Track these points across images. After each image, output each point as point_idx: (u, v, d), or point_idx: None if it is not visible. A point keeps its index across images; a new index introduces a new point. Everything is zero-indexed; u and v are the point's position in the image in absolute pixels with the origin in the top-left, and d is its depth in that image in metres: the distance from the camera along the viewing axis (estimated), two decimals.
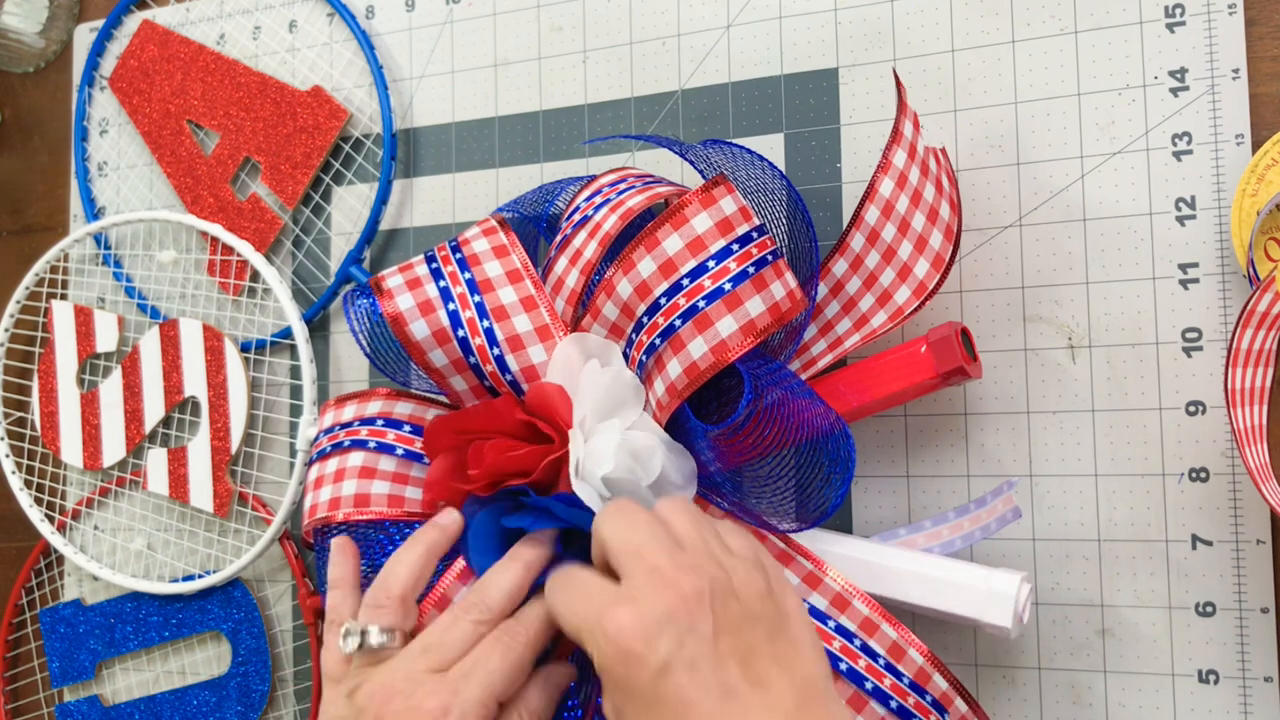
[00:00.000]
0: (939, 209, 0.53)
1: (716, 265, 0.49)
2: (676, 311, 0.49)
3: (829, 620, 0.50)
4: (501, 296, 0.54)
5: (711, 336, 0.49)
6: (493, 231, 0.57)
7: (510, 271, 0.55)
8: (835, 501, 0.49)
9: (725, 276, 0.49)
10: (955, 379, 0.52)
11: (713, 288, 0.49)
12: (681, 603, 0.41)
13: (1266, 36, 0.54)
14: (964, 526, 0.53)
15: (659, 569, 0.42)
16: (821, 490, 0.50)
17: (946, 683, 0.50)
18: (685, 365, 0.49)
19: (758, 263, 0.49)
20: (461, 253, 0.56)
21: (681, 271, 0.49)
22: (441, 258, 0.56)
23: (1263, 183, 0.52)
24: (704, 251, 0.49)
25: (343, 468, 0.57)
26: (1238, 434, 0.49)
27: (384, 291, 0.54)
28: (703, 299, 0.49)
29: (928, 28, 0.60)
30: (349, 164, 0.72)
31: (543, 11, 0.68)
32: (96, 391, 0.76)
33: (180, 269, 0.77)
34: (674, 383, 0.50)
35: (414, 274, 0.56)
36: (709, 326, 0.49)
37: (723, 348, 0.49)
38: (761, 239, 0.50)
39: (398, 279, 0.55)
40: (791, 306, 0.50)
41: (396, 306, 0.54)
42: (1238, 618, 0.53)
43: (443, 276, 0.55)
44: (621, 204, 0.53)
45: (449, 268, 0.55)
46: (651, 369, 0.51)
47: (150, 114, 0.77)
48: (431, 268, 0.56)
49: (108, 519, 0.77)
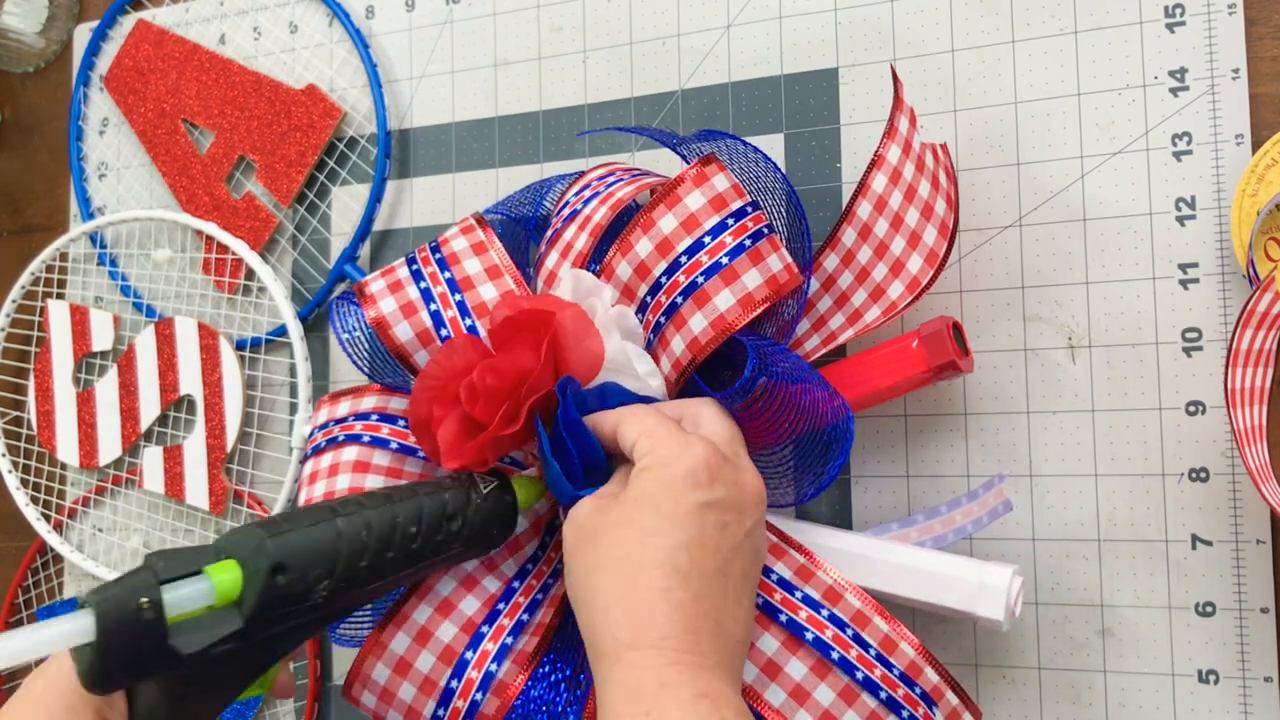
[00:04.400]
0: (934, 205, 0.53)
1: (712, 240, 0.50)
2: (677, 289, 0.50)
3: (822, 608, 0.50)
4: (482, 293, 0.55)
5: (710, 311, 0.49)
6: (470, 230, 0.57)
7: (490, 268, 0.55)
8: (833, 473, 0.50)
9: (721, 251, 0.49)
10: (947, 373, 0.53)
11: (710, 263, 0.49)
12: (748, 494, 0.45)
13: (1266, 36, 0.54)
14: (955, 520, 0.53)
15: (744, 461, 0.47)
16: (820, 464, 0.50)
17: (937, 675, 0.50)
18: (688, 341, 0.50)
19: (753, 236, 0.50)
20: (441, 252, 0.56)
21: (679, 249, 0.50)
22: (422, 259, 0.56)
23: (1263, 183, 0.52)
24: (699, 228, 0.50)
25: (337, 462, 0.57)
26: (1238, 434, 0.49)
27: (367, 296, 0.55)
28: (701, 274, 0.49)
29: (928, 28, 0.60)
30: (345, 163, 0.72)
31: (543, 11, 0.68)
32: (92, 390, 0.76)
33: (176, 267, 0.76)
34: (679, 359, 0.51)
35: (395, 277, 0.56)
36: (708, 301, 0.49)
37: (722, 321, 0.49)
38: (755, 213, 0.50)
39: (380, 283, 0.56)
40: (789, 279, 0.50)
41: (380, 310, 0.54)
42: (1238, 618, 0.52)
43: (423, 278, 0.55)
44: (610, 195, 0.53)
45: (429, 268, 0.56)
46: (658, 348, 0.52)
47: (145, 113, 0.77)
48: (412, 269, 0.56)
49: (104, 517, 0.77)
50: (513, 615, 0.52)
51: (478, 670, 0.51)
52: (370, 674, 0.51)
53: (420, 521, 0.44)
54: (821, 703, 0.49)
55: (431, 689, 0.51)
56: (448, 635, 0.52)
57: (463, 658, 0.51)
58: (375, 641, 0.51)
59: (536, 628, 0.52)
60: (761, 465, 0.52)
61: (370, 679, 0.52)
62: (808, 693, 0.50)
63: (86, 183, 0.80)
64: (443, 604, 0.52)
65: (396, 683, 0.51)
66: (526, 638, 0.52)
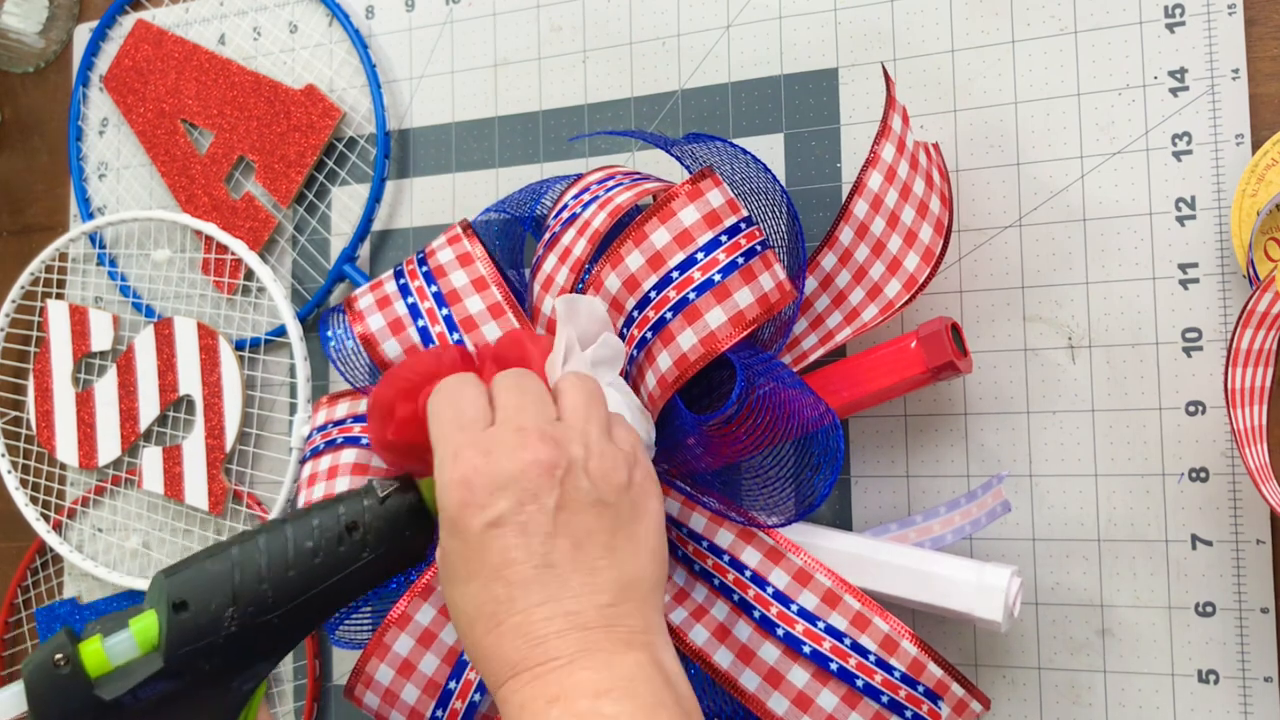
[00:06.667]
0: (929, 203, 0.53)
1: (705, 257, 0.49)
2: (667, 304, 0.49)
3: (818, 621, 0.50)
4: (469, 306, 0.54)
5: (701, 328, 0.49)
6: (457, 240, 0.57)
7: (476, 280, 0.55)
8: (824, 493, 0.50)
9: (714, 268, 0.49)
10: (946, 374, 0.52)
11: (702, 279, 0.49)
12: (534, 468, 0.41)
13: (1266, 36, 0.54)
14: (954, 521, 0.53)
15: (525, 430, 0.43)
16: (811, 481, 0.50)
17: (941, 669, 0.50)
18: (675, 357, 0.49)
19: (746, 253, 0.49)
20: (428, 265, 0.56)
21: (670, 265, 0.49)
22: (409, 272, 0.56)
23: (1263, 183, 0.52)
24: (692, 244, 0.49)
25: (336, 464, 0.57)
26: (1238, 434, 0.49)
27: (355, 313, 0.55)
28: (692, 291, 0.49)
29: (928, 28, 0.60)
30: (344, 164, 0.72)
31: (543, 11, 0.68)
32: (92, 390, 0.76)
33: (175, 268, 0.76)
34: (664, 375, 0.50)
35: (383, 292, 0.56)
36: (698, 318, 0.49)
37: (712, 339, 0.49)
38: (749, 230, 0.50)
39: (368, 299, 0.56)
40: (781, 298, 0.50)
41: (368, 328, 0.54)
42: (1238, 618, 0.52)
43: (410, 293, 0.55)
44: (610, 200, 0.53)
45: (415, 282, 0.55)
46: (642, 362, 0.51)
47: (145, 113, 0.77)
48: (399, 284, 0.56)
49: (104, 518, 0.77)
50: None
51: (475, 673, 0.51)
52: (373, 675, 0.51)
53: (316, 536, 0.44)
54: (825, 708, 0.50)
55: (435, 690, 0.51)
56: (451, 637, 0.52)
57: (462, 658, 0.51)
58: (379, 642, 0.51)
59: None
60: (754, 484, 0.52)
61: (373, 679, 0.52)
62: (810, 699, 0.50)
63: (86, 183, 0.80)
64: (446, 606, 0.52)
65: (400, 684, 0.51)
66: None
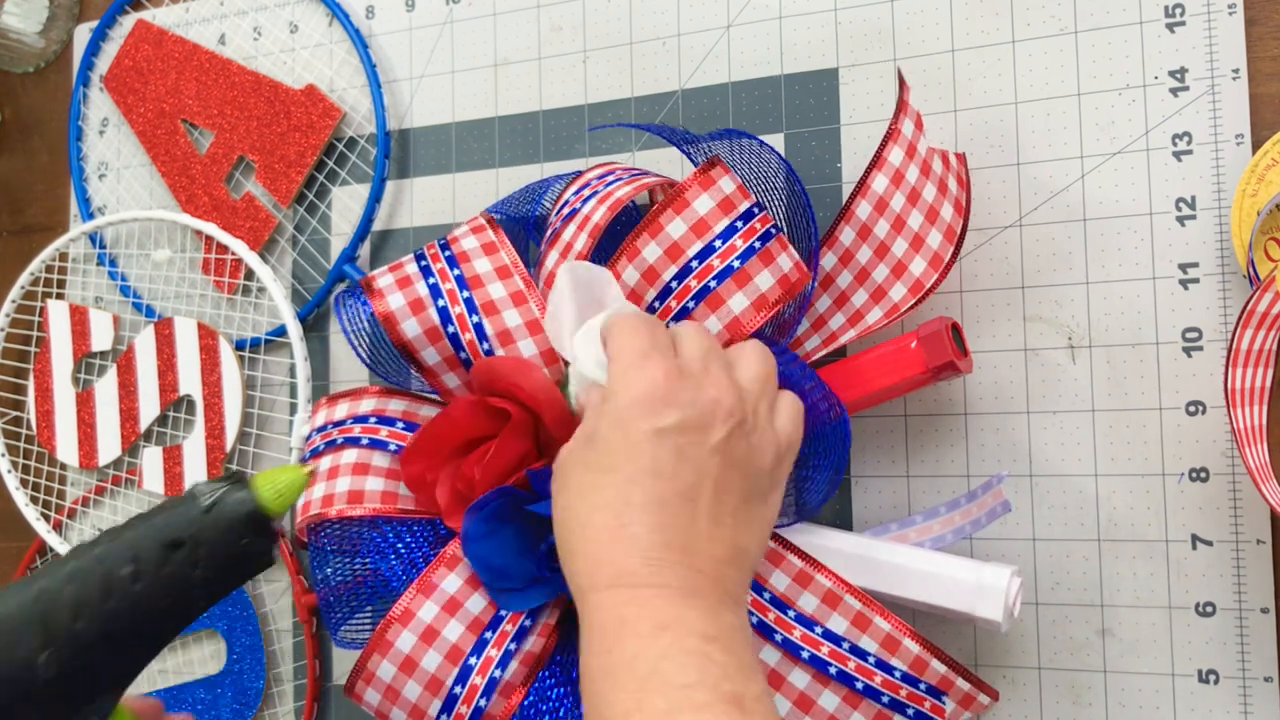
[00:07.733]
0: (940, 209, 0.53)
1: (723, 244, 0.50)
2: (689, 294, 0.50)
3: (815, 626, 0.51)
4: (491, 292, 0.54)
5: (725, 314, 0.50)
6: (481, 229, 0.57)
7: (499, 268, 0.55)
8: (830, 491, 0.50)
9: (733, 254, 0.49)
10: (946, 374, 0.53)
11: (722, 266, 0.50)
12: (713, 406, 0.42)
13: (1266, 36, 0.54)
14: (954, 520, 0.53)
15: (712, 372, 0.44)
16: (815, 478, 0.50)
17: (945, 666, 0.50)
18: None
19: (762, 237, 0.50)
20: (450, 250, 0.56)
21: (689, 254, 0.50)
22: (431, 255, 0.56)
23: (1263, 183, 0.52)
24: (709, 232, 0.50)
25: (336, 465, 0.57)
26: (1238, 434, 0.49)
27: (375, 291, 0.55)
28: (713, 279, 0.50)
29: (928, 28, 0.60)
30: (344, 164, 0.72)
31: (543, 11, 0.68)
32: (92, 390, 0.76)
33: (175, 268, 0.76)
34: None
35: (404, 273, 0.56)
36: (721, 305, 0.50)
37: (737, 324, 0.50)
38: (762, 214, 0.50)
39: (388, 278, 0.56)
40: (800, 277, 0.50)
41: (388, 306, 0.54)
42: (1238, 618, 0.52)
43: (432, 274, 0.55)
44: (609, 195, 0.53)
45: (438, 265, 0.55)
46: None
47: (145, 113, 0.77)
48: (421, 265, 0.56)
49: (104, 518, 0.77)
50: (515, 620, 0.52)
51: (481, 676, 0.51)
52: (375, 671, 0.51)
53: (132, 558, 0.38)
54: (826, 709, 0.50)
55: (438, 688, 0.51)
56: (454, 634, 0.52)
57: (466, 662, 0.51)
58: (381, 638, 0.51)
59: (543, 629, 0.52)
60: None
61: (375, 676, 0.52)
62: (812, 700, 0.50)
63: (86, 183, 0.80)
64: (449, 602, 0.52)
65: (401, 680, 0.51)
66: (533, 639, 0.52)
